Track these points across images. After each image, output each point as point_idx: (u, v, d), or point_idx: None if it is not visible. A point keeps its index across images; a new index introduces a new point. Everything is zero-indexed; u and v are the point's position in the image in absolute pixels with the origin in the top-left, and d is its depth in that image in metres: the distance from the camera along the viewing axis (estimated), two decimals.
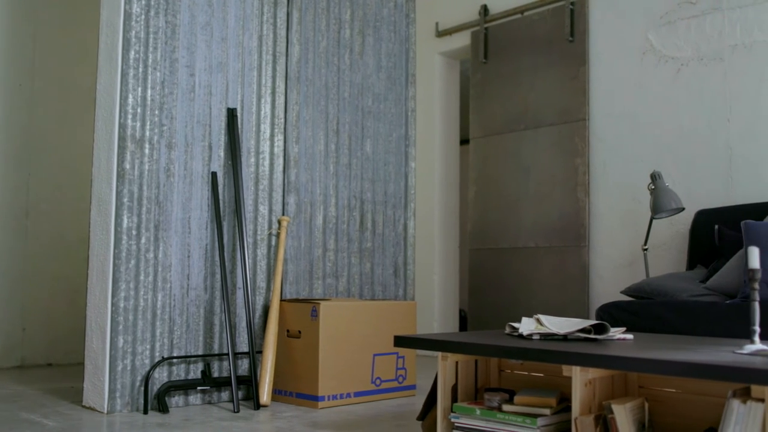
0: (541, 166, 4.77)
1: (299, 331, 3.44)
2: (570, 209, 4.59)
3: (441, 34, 5.51)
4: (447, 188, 5.59)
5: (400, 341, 2.42)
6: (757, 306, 1.94)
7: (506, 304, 4.87)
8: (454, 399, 2.41)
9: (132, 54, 3.31)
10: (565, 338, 2.32)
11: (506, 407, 2.19)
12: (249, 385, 3.50)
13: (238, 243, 3.59)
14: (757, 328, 1.96)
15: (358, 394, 3.48)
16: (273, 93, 3.86)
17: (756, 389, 1.66)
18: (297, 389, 3.42)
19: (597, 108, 4.59)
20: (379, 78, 4.45)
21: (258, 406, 3.29)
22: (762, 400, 1.66)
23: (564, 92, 4.70)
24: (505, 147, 4.98)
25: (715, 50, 4.11)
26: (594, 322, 2.35)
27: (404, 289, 4.44)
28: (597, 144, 4.57)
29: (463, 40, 5.40)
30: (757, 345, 1.95)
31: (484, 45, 5.17)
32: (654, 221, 4.16)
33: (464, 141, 7.18)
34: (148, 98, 3.35)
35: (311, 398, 3.35)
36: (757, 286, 1.93)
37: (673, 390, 2.12)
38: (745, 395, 1.73)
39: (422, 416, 2.60)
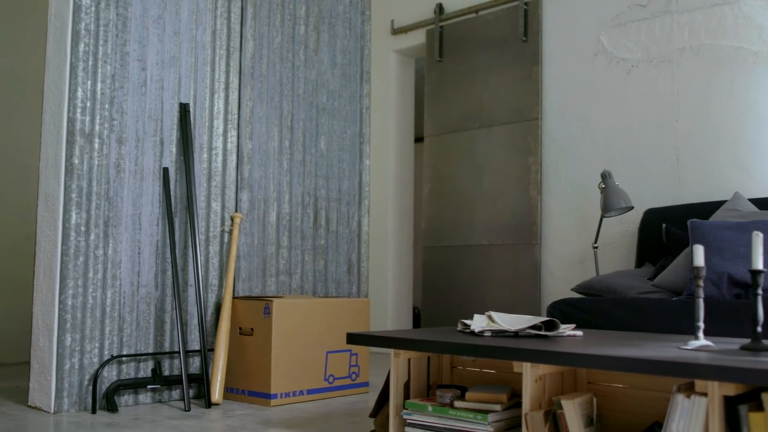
0: (494, 164, 4.81)
1: (252, 329, 3.41)
2: (522, 207, 4.64)
3: (396, 31, 5.51)
4: (401, 186, 5.61)
5: (353, 338, 2.42)
6: (701, 303, 1.99)
7: (459, 301, 4.90)
8: (407, 396, 2.42)
9: (81, 47, 3.25)
10: (516, 335, 2.35)
11: (458, 404, 2.20)
12: (200, 383, 3.46)
13: (190, 240, 3.55)
14: (702, 325, 2.00)
15: (311, 391, 3.47)
16: (226, 88, 3.82)
17: (699, 384, 1.70)
18: (249, 387, 3.39)
19: (549, 107, 4.64)
20: (334, 75, 4.44)
21: (209, 404, 3.26)
22: (705, 395, 1.70)
23: (517, 92, 4.75)
24: (459, 145, 5.01)
25: (664, 52, 4.20)
26: (544, 319, 2.38)
27: (358, 287, 4.45)
28: (549, 143, 4.63)
29: (418, 38, 5.41)
30: (701, 341, 2.00)
31: (439, 43, 5.19)
32: (604, 220, 4.23)
33: (419, 139, 7.21)
34: (98, 92, 3.29)
35: (263, 396, 3.33)
36: (701, 283, 1.98)
37: (621, 385, 2.16)
38: (689, 390, 1.77)
39: (375, 413, 2.61)
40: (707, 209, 3.70)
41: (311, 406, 3.32)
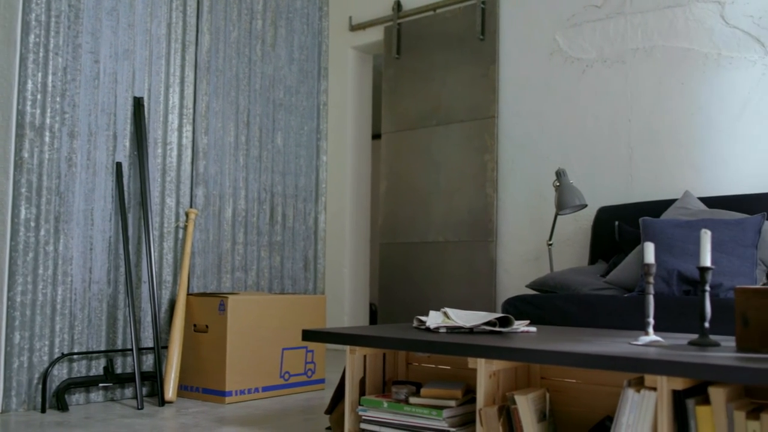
0: (451, 161, 4.84)
1: (206, 326, 3.38)
2: (478, 205, 4.68)
3: (354, 28, 5.50)
4: (358, 182, 5.61)
5: (309, 335, 2.42)
6: (651, 299, 2.02)
7: (416, 297, 4.92)
8: (362, 392, 2.42)
9: (32, 38, 3.18)
10: (471, 331, 2.37)
11: (413, 400, 2.21)
12: (154, 381, 3.42)
13: (143, 236, 3.50)
14: (651, 321, 2.04)
15: (266, 388, 3.45)
16: (182, 82, 3.78)
17: (649, 378, 1.73)
18: (204, 384, 3.36)
19: (506, 106, 4.68)
20: (291, 70, 4.42)
21: (163, 402, 3.22)
22: (654, 389, 1.73)
23: (474, 90, 4.78)
24: (416, 142, 5.02)
25: (618, 53, 4.26)
26: (499, 315, 2.40)
27: (314, 283, 4.43)
28: (505, 141, 4.67)
29: (376, 35, 5.41)
30: (651, 336, 2.04)
31: (397, 41, 5.20)
32: (559, 217, 4.28)
33: (376, 136, 7.21)
34: (49, 84, 3.22)
35: (218, 393, 3.30)
36: (651, 280, 2.02)
37: (574, 380, 2.19)
38: (639, 384, 1.80)
39: (330, 410, 2.60)
40: (658, 207, 3.77)
41: (266, 403, 3.30)
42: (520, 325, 2.48)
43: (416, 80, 5.08)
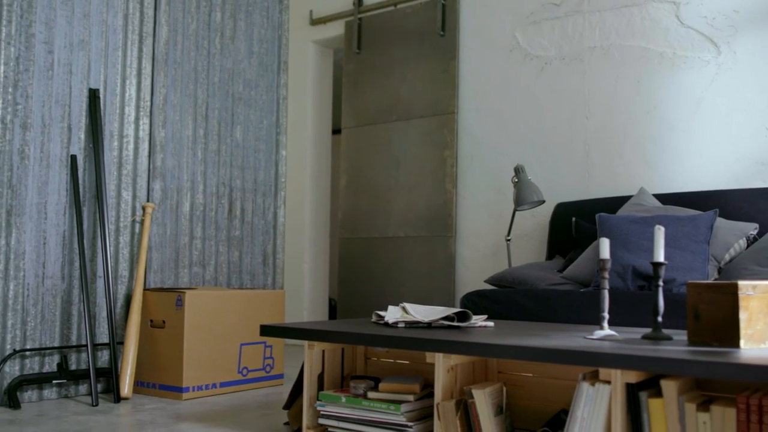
0: (411, 157, 4.85)
1: (163, 321, 3.34)
2: (438, 200, 4.70)
3: (315, 22, 5.48)
4: (318, 177, 5.59)
5: (267, 330, 2.41)
6: (606, 294, 2.05)
7: (375, 292, 4.93)
8: (321, 387, 2.41)
9: None
10: (429, 326, 2.38)
11: (371, 394, 2.21)
12: (109, 377, 3.37)
13: (99, 230, 3.44)
14: (606, 315, 2.07)
15: (224, 384, 3.43)
16: (139, 74, 3.72)
17: (603, 372, 1.76)
18: (160, 381, 3.33)
19: (466, 102, 4.71)
20: (251, 64, 4.38)
21: (118, 398, 3.18)
22: (608, 382, 1.76)
23: (434, 85, 4.79)
24: (376, 137, 5.02)
25: (576, 51, 4.31)
26: (457, 310, 2.41)
27: (273, 278, 4.41)
28: (465, 137, 4.69)
29: (336, 29, 5.40)
30: (606, 330, 2.07)
31: (358, 35, 5.19)
32: (517, 213, 4.32)
33: (336, 130, 7.19)
34: (1, 75, 3.15)
35: (175, 390, 3.26)
36: (606, 275, 2.05)
37: (530, 374, 2.22)
38: (594, 378, 1.83)
39: (288, 405, 2.60)
40: (615, 204, 3.83)
41: (224, 399, 3.28)
42: (478, 320, 2.50)
43: (377, 75, 5.07)
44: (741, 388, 1.77)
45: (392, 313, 2.48)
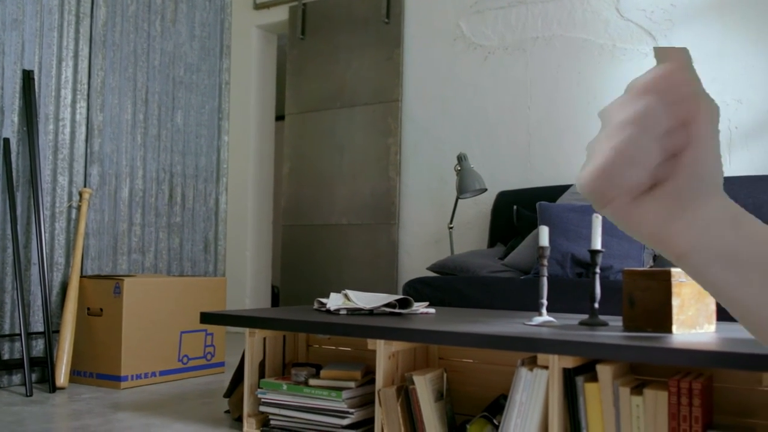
0: (354, 144, 4.84)
1: (101, 309, 3.28)
2: (381, 188, 4.70)
3: (259, 6, 5.41)
4: (261, 164, 5.54)
5: (207, 318, 2.38)
6: (545, 281, 2.09)
7: (319, 280, 4.91)
8: (262, 375, 2.40)
9: None
10: (371, 313, 2.38)
11: (313, 381, 2.21)
12: (44, 366, 3.28)
13: (33, 216, 3.35)
14: (545, 302, 2.11)
15: (163, 372, 3.38)
16: (75, 56, 3.62)
17: (541, 357, 1.79)
18: (98, 370, 3.26)
19: (410, 90, 4.72)
20: (192, 47, 4.31)
21: (54, 388, 3.10)
22: (546, 368, 1.79)
23: (379, 73, 4.79)
24: (320, 124, 5.00)
25: (519, 41, 4.35)
26: (399, 297, 2.42)
27: (215, 265, 4.36)
28: (409, 125, 4.70)
29: (281, 14, 5.34)
30: (544, 317, 2.10)
31: (302, 21, 5.14)
32: (459, 201, 4.35)
33: (280, 117, 7.13)
34: None
35: (113, 378, 3.21)
36: (545, 262, 2.08)
37: (471, 360, 2.24)
38: (532, 363, 1.86)
39: (229, 393, 2.58)
40: (555, 192, 3.89)
41: (164, 387, 3.24)
42: (420, 307, 2.51)
43: (321, 62, 5.04)
44: (673, 372, 1.82)
45: (334, 301, 2.48)
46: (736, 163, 3.69)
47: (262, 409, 2.29)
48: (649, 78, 0.43)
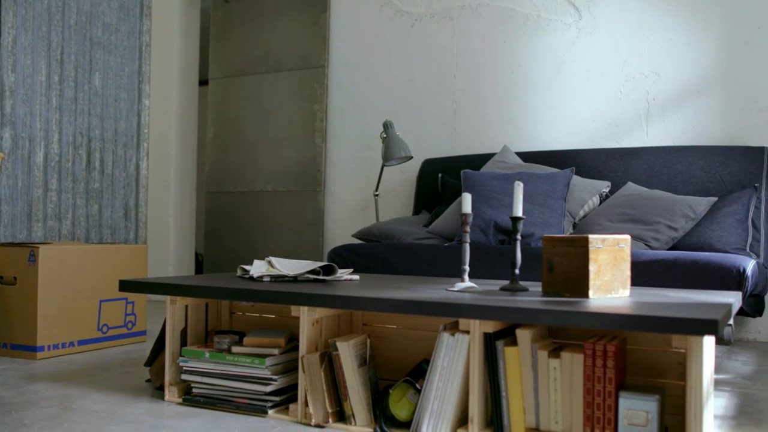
0: (280, 110, 4.77)
1: (15, 278, 3.17)
2: (307, 154, 4.66)
3: None
4: (184, 129, 5.41)
5: (126, 285, 2.32)
6: (467, 247, 2.11)
7: (244, 247, 4.86)
8: (184, 343, 2.37)
9: None
10: (294, 279, 2.37)
11: (236, 349, 2.19)
12: None
13: None
14: (467, 268, 2.13)
15: (82, 342, 3.30)
16: None
17: (463, 322, 1.82)
18: (12, 340, 3.16)
19: (336, 56, 4.67)
20: (110, 7, 4.15)
21: None
22: (467, 332, 1.82)
23: (305, 38, 4.72)
24: (245, 90, 4.91)
25: (446, 9, 4.35)
26: (323, 263, 2.42)
27: (135, 232, 4.27)
28: (335, 91, 4.66)
29: None
30: (467, 283, 2.13)
31: None
32: (385, 168, 4.36)
33: (204, 81, 6.97)
34: None
35: (29, 349, 3.11)
36: (468, 229, 2.10)
37: (394, 326, 2.26)
38: (454, 328, 1.89)
39: (150, 362, 2.53)
40: (480, 161, 3.93)
41: (83, 357, 3.16)
42: (344, 274, 2.51)
43: (246, 25, 4.94)
44: (588, 335, 1.88)
45: (257, 267, 2.46)
46: (652, 135, 3.80)
47: (184, 377, 2.26)
48: None
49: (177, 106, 5.34)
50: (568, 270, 1.94)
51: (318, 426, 1.98)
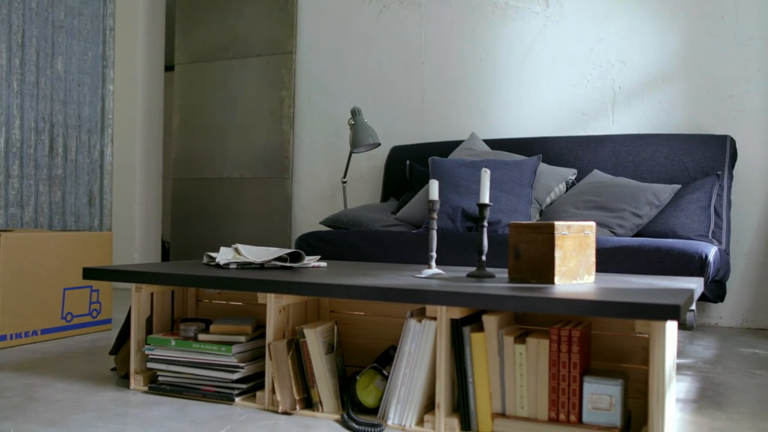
0: (247, 96, 4.73)
1: None
2: (275, 141, 4.63)
3: None
4: (149, 115, 5.34)
5: (89, 273, 2.29)
6: (434, 234, 2.12)
7: (211, 234, 4.83)
8: (150, 331, 2.34)
9: None
10: (261, 267, 2.36)
11: (202, 336, 2.18)
12: None
13: None
14: (434, 254, 2.14)
15: (46, 331, 3.25)
16: None
17: (430, 309, 1.82)
18: None
19: (304, 41, 4.64)
20: None
21: None
22: (434, 319, 1.83)
23: (273, 23, 4.68)
24: (211, 75, 4.86)
25: None
26: (290, 250, 2.41)
27: (100, 220, 4.21)
28: (303, 77, 4.63)
29: None
30: (433, 269, 2.14)
31: None
32: (353, 155, 4.35)
33: (170, 67, 6.88)
34: None
35: None
36: (435, 216, 2.11)
37: (362, 313, 2.26)
38: (421, 315, 1.89)
39: (115, 350, 2.51)
40: (447, 148, 3.94)
41: (46, 346, 3.12)
42: (311, 261, 2.51)
43: (212, 10, 4.88)
44: (554, 320, 1.90)
45: (224, 254, 2.44)
46: (618, 122, 3.83)
47: (150, 365, 2.24)
48: None
49: (142, 91, 5.27)
50: (534, 256, 1.95)
51: (285, 413, 1.98)
